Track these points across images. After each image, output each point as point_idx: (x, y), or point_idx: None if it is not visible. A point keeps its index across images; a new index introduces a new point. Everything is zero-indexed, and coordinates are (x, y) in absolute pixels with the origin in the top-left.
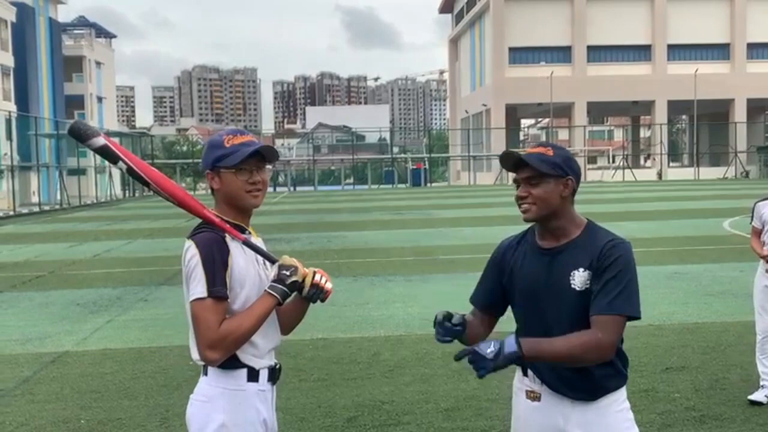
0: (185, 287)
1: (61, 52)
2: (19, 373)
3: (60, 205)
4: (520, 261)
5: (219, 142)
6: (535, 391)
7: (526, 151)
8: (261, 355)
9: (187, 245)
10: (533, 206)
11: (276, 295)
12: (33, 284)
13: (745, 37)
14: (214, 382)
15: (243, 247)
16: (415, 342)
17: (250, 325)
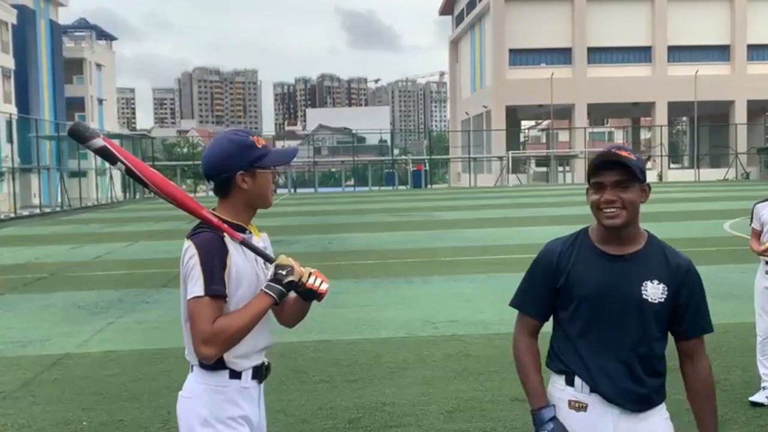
0: (183, 287)
1: (61, 55)
2: (20, 375)
3: (61, 207)
4: (579, 266)
5: (252, 143)
6: (581, 401)
7: (613, 151)
8: (248, 355)
9: (186, 245)
10: (623, 211)
11: (272, 294)
12: (34, 286)
13: (746, 38)
14: (198, 378)
15: (242, 246)
16: (417, 344)
17: (245, 323)
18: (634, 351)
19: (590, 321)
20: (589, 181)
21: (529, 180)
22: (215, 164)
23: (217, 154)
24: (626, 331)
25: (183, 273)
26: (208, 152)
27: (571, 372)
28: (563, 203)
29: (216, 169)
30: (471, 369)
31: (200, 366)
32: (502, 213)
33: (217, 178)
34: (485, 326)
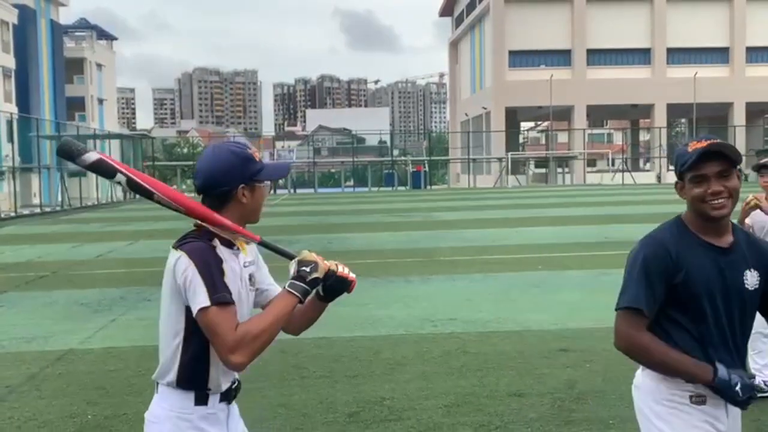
0: (167, 301)
1: (62, 54)
2: (25, 370)
3: (61, 206)
4: (693, 260)
5: (251, 156)
6: (701, 393)
7: (709, 142)
8: (222, 382)
9: (176, 256)
10: (729, 201)
11: (296, 293)
12: (36, 284)
13: (745, 41)
14: (163, 402)
15: (232, 259)
16: (416, 341)
17: (268, 324)
18: (740, 341)
19: (705, 314)
20: (685, 175)
21: (528, 181)
22: (216, 177)
23: (218, 167)
24: (734, 322)
25: (176, 285)
26: (207, 164)
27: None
28: (561, 204)
29: (216, 181)
30: (469, 365)
31: (166, 385)
32: (501, 214)
33: (216, 190)
34: (483, 324)
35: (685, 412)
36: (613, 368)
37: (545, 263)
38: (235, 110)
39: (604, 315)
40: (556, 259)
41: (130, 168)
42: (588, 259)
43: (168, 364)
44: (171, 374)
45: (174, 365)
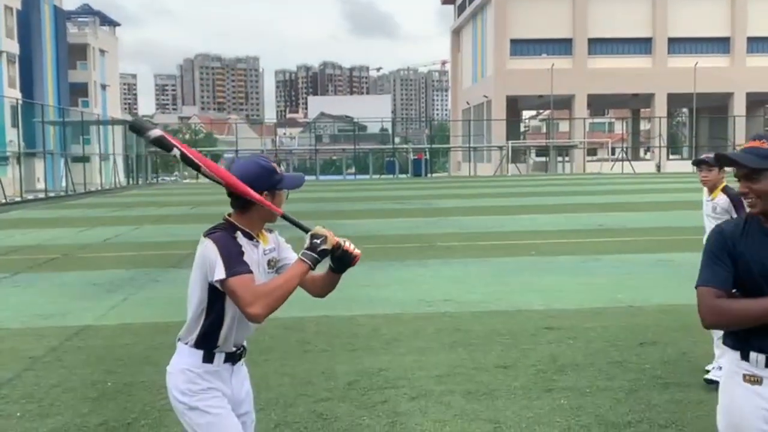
0: (196, 272)
1: (65, 40)
2: (46, 343)
3: (65, 191)
4: (752, 244)
5: (275, 169)
6: (756, 374)
7: (744, 146)
8: (222, 350)
9: (204, 243)
10: (758, 200)
11: (307, 261)
12: (48, 266)
13: (746, 31)
14: (178, 357)
15: (251, 248)
16: (412, 319)
17: (281, 283)
18: None
19: (762, 293)
20: None
21: (528, 170)
22: (247, 184)
23: (250, 177)
24: None
25: (202, 265)
26: (240, 174)
27: (747, 348)
28: (560, 192)
29: (251, 189)
30: (460, 341)
31: (184, 344)
32: (500, 202)
33: (245, 195)
34: (475, 305)
35: (738, 388)
36: (593, 344)
37: (539, 249)
38: (236, 96)
39: (589, 297)
40: (549, 246)
41: (184, 144)
42: (580, 246)
43: (191, 328)
44: (192, 336)
45: (196, 329)
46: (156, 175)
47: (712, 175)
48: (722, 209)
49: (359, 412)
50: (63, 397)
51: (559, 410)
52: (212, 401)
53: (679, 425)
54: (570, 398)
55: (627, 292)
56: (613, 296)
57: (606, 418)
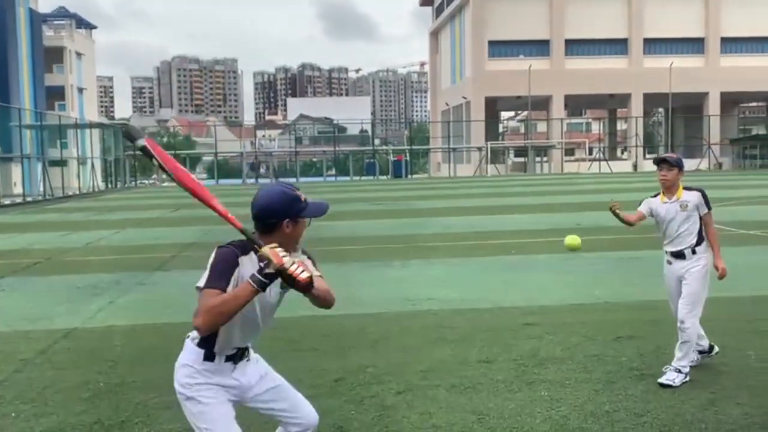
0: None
1: (41, 43)
2: (35, 345)
3: (43, 196)
4: None
5: (299, 197)
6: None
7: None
8: (227, 349)
9: (214, 250)
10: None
11: (253, 283)
12: (33, 270)
13: (719, 31)
14: (184, 352)
15: (254, 266)
16: (397, 318)
17: (225, 301)
18: None
19: None
20: None
21: (507, 170)
22: (271, 211)
23: (274, 204)
24: None
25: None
26: (265, 200)
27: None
28: (539, 192)
29: (269, 214)
30: (444, 338)
31: (190, 341)
32: (480, 202)
33: (268, 221)
34: (458, 303)
35: None
36: (572, 339)
37: (519, 248)
38: (215, 99)
39: (568, 294)
40: (529, 245)
41: (167, 156)
42: (559, 245)
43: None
44: (196, 335)
45: None
46: (134, 179)
47: (671, 175)
48: (694, 205)
49: (348, 406)
50: (56, 397)
51: (540, 401)
52: (206, 392)
53: (654, 414)
54: (550, 390)
55: (603, 289)
56: (591, 293)
57: (585, 408)
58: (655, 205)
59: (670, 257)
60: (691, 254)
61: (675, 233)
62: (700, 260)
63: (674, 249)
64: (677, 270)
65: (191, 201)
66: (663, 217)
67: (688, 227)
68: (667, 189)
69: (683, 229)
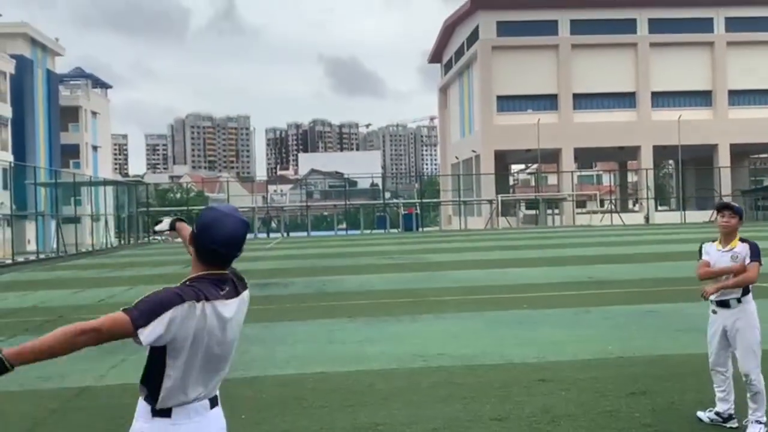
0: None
1: (57, 103)
2: (47, 405)
3: (56, 253)
4: None
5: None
6: None
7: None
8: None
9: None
10: None
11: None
12: (44, 328)
13: (726, 84)
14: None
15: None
16: (407, 374)
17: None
18: None
19: None
20: None
21: (518, 222)
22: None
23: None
24: None
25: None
26: (244, 233)
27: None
28: (550, 245)
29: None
30: (455, 395)
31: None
32: (491, 255)
33: (238, 255)
34: (470, 359)
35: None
36: (585, 395)
37: (530, 302)
38: (227, 155)
39: (581, 349)
40: (540, 298)
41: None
42: (571, 298)
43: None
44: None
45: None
46: (147, 235)
47: (733, 222)
48: (743, 257)
49: None
50: None
51: None
52: None
53: None
54: None
55: (617, 343)
56: (604, 347)
57: None
58: (711, 251)
59: (716, 306)
60: (737, 303)
61: (720, 281)
62: (746, 309)
63: (720, 298)
64: (722, 320)
65: None
66: (713, 265)
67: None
68: (726, 236)
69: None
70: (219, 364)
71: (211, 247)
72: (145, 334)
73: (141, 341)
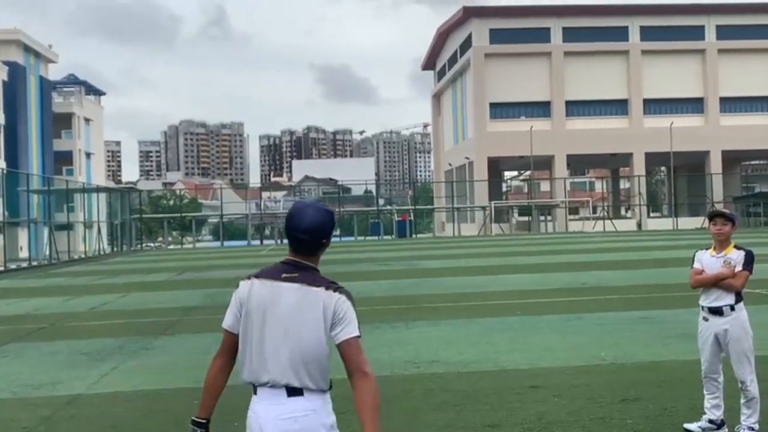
0: (322, 324)
1: (50, 110)
2: (38, 413)
3: (49, 260)
4: None
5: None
6: None
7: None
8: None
9: (336, 296)
10: None
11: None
12: (37, 335)
13: (718, 91)
14: (327, 409)
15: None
16: (401, 381)
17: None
18: None
19: None
20: None
21: (511, 229)
22: (327, 231)
23: (328, 225)
24: None
25: (330, 316)
26: (321, 221)
27: None
28: (543, 252)
29: (326, 235)
30: (449, 401)
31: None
32: (484, 261)
33: (319, 242)
34: (464, 365)
35: None
36: (578, 402)
37: (523, 308)
38: (221, 162)
39: (573, 355)
40: (533, 305)
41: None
42: (563, 305)
43: (319, 373)
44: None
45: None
46: (140, 242)
47: (726, 229)
48: (734, 264)
49: None
50: None
51: None
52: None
53: None
54: None
55: (609, 350)
56: (597, 354)
57: None
58: (704, 258)
59: (707, 313)
60: (730, 311)
61: (712, 288)
62: (738, 317)
63: (711, 305)
64: (714, 327)
65: (196, 264)
66: (706, 271)
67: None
68: (720, 243)
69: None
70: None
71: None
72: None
73: None
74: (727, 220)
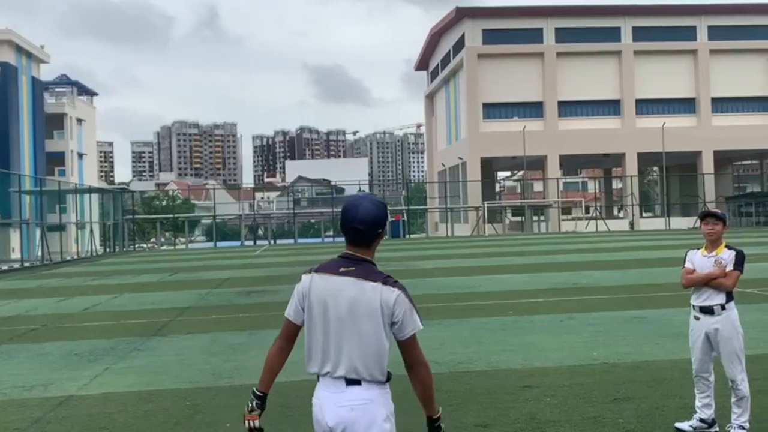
0: (381, 319)
1: (42, 110)
2: (29, 414)
3: (41, 261)
4: None
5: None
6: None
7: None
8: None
9: (394, 292)
10: None
11: None
12: (28, 337)
13: (710, 92)
14: (385, 402)
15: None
16: (393, 381)
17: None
18: None
19: None
20: None
21: (504, 229)
22: (381, 221)
23: (383, 216)
24: None
25: (389, 311)
26: (376, 213)
27: None
28: (536, 252)
29: (381, 226)
30: (440, 401)
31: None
32: (477, 262)
33: (375, 232)
34: (455, 365)
35: None
36: (570, 401)
37: (516, 308)
38: (214, 162)
39: (566, 355)
40: (526, 305)
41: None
42: (556, 304)
43: (378, 365)
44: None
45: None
46: (133, 243)
47: (718, 228)
48: (725, 264)
49: None
50: None
51: None
52: None
53: None
54: None
55: (602, 350)
56: (589, 354)
57: None
58: (695, 258)
59: (698, 312)
60: (721, 310)
61: (704, 288)
62: (729, 316)
63: (702, 304)
64: (705, 326)
65: (188, 265)
66: (697, 271)
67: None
68: (711, 243)
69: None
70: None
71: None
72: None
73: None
74: (718, 219)
